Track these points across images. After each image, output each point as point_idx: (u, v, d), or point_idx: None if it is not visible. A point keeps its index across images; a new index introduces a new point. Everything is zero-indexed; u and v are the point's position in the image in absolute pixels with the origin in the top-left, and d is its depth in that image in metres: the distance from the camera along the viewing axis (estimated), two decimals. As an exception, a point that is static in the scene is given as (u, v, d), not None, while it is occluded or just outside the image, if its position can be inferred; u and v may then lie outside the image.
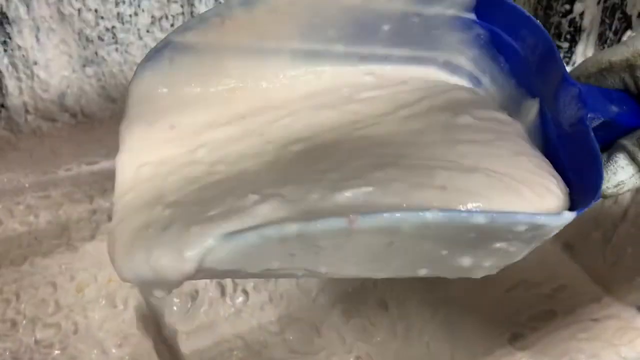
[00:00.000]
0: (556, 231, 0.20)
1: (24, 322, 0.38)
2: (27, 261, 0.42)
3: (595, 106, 0.23)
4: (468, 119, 0.24)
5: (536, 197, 0.21)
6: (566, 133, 0.24)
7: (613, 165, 0.24)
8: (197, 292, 0.40)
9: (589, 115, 0.23)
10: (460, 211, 0.19)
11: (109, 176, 0.48)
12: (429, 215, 0.17)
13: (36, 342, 0.38)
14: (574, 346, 0.38)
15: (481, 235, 0.19)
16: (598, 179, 0.22)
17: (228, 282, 0.41)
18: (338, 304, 0.41)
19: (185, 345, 0.37)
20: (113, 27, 0.44)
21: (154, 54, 0.23)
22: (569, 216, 0.20)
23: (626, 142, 0.24)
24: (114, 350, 0.37)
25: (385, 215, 0.17)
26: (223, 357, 0.37)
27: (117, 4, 0.43)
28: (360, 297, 0.42)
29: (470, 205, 0.19)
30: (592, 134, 0.22)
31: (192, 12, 0.46)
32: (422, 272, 0.21)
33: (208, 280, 0.41)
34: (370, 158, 0.21)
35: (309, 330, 0.39)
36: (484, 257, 0.21)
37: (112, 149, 0.48)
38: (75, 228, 0.44)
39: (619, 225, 0.39)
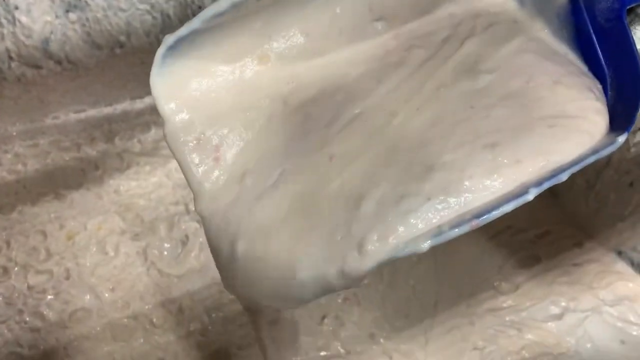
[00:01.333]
0: None
1: (16, 268, 0.39)
2: (16, 210, 0.42)
3: None
4: (487, 78, 0.23)
5: (592, 126, 0.22)
6: (601, 27, 0.24)
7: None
8: (187, 237, 0.41)
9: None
10: (549, 180, 0.21)
11: (97, 124, 0.48)
12: (530, 197, 0.20)
13: (29, 287, 0.38)
14: (555, 290, 0.39)
15: None
16: (637, 90, 0.23)
17: (218, 228, 0.42)
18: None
19: (177, 288, 0.38)
20: (96, -30, 0.43)
21: (174, 43, 0.22)
22: (622, 139, 0.22)
23: None
24: (106, 295, 0.38)
25: (497, 212, 0.20)
26: (214, 298, 0.38)
27: (99, -54, 0.42)
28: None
29: (549, 165, 0.21)
30: (633, 38, 0.23)
31: (176, -44, 0.44)
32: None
33: (198, 225, 0.41)
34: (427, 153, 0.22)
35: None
36: None
37: (99, 96, 0.48)
38: (63, 176, 0.44)
39: (602, 172, 0.39)
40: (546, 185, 0.21)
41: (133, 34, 0.47)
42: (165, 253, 0.40)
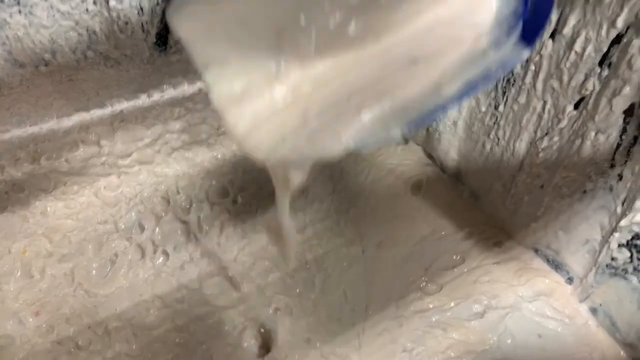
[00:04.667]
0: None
1: None
2: None
3: None
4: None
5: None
6: None
7: None
8: (116, 255, 0.40)
9: None
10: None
11: (21, 145, 0.46)
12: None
13: (-52, 316, 0.37)
14: (477, 288, 0.41)
15: None
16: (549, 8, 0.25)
17: (148, 244, 0.41)
18: (259, 261, 0.42)
19: (104, 308, 0.38)
20: (15, -13, 0.42)
21: None
22: (526, 55, 0.24)
23: None
24: (30, 320, 0.37)
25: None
26: (141, 316, 0.38)
27: (17, -37, 0.41)
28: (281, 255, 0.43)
29: None
30: None
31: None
32: None
33: (128, 244, 0.41)
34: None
35: (229, 286, 0.40)
36: None
37: (24, 116, 0.47)
38: (-15, 199, 0.42)
39: (516, 176, 0.42)
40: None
41: (58, 51, 0.46)
42: (94, 272, 0.39)
